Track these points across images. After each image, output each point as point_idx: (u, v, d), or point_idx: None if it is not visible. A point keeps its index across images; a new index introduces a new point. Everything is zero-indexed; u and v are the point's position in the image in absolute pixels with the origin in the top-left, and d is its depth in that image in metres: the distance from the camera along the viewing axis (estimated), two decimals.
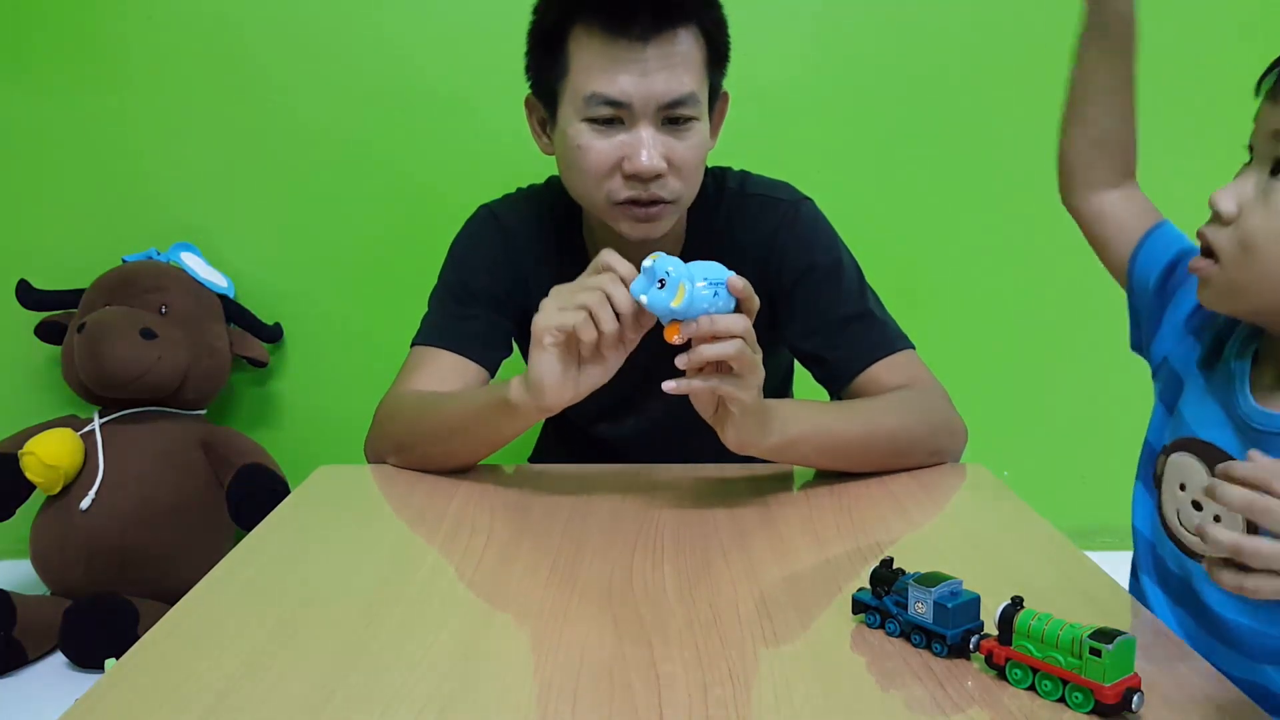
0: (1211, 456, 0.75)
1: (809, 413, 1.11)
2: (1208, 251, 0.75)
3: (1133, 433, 2.16)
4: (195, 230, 2.02)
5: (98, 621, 1.71)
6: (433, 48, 1.98)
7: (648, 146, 1.12)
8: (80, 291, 1.94)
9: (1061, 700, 0.66)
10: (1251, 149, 0.75)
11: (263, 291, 2.05)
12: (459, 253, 1.33)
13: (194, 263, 1.97)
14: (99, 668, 1.70)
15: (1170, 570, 0.82)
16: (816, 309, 1.24)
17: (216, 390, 1.97)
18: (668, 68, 1.11)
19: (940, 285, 2.05)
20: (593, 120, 1.13)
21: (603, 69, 1.11)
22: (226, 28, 1.96)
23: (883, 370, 1.20)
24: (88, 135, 1.99)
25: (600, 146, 1.14)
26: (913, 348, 1.24)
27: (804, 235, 1.26)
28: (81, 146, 1.99)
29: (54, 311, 1.96)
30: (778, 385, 1.47)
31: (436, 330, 1.28)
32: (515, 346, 1.36)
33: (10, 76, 1.97)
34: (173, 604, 0.83)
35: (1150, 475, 0.81)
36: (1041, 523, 1.03)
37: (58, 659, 1.77)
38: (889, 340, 1.23)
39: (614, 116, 1.12)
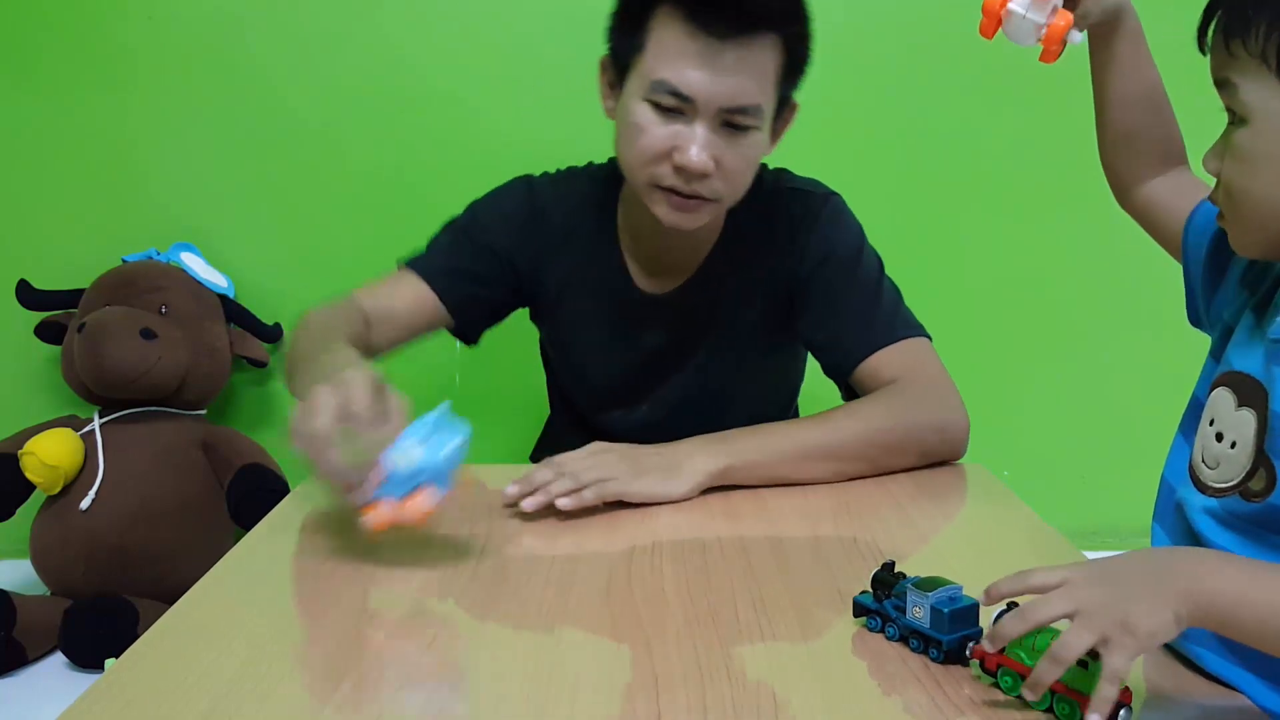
0: (1242, 386, 0.76)
1: (758, 439, 1.12)
2: (1220, 212, 0.78)
3: (1132, 433, 2.18)
4: (195, 230, 2.01)
5: (98, 621, 1.71)
6: (433, 49, 1.98)
7: (700, 144, 1.11)
8: (80, 292, 1.94)
9: (1050, 710, 0.65)
10: None
11: (262, 291, 2.05)
12: (480, 206, 1.33)
13: (194, 263, 1.97)
14: (99, 668, 1.70)
15: (1179, 514, 0.82)
16: (829, 298, 1.25)
17: (216, 390, 1.97)
18: (739, 73, 1.10)
19: (939, 285, 2.04)
20: (655, 104, 1.13)
21: (676, 59, 1.10)
22: (227, 28, 1.96)
23: (882, 359, 1.21)
24: (88, 135, 1.99)
25: (656, 132, 1.13)
26: (924, 337, 1.24)
27: (827, 227, 1.27)
28: (82, 147, 1.99)
29: (54, 311, 1.96)
30: (785, 399, 1.47)
31: (423, 259, 1.30)
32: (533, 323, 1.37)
33: (11, 77, 1.97)
34: (173, 604, 0.84)
35: (1193, 427, 0.82)
36: (1041, 523, 1.03)
37: (58, 659, 1.77)
38: (894, 329, 1.23)
39: (676, 107, 1.12)
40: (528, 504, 1.04)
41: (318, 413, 0.88)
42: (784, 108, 1.21)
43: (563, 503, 1.03)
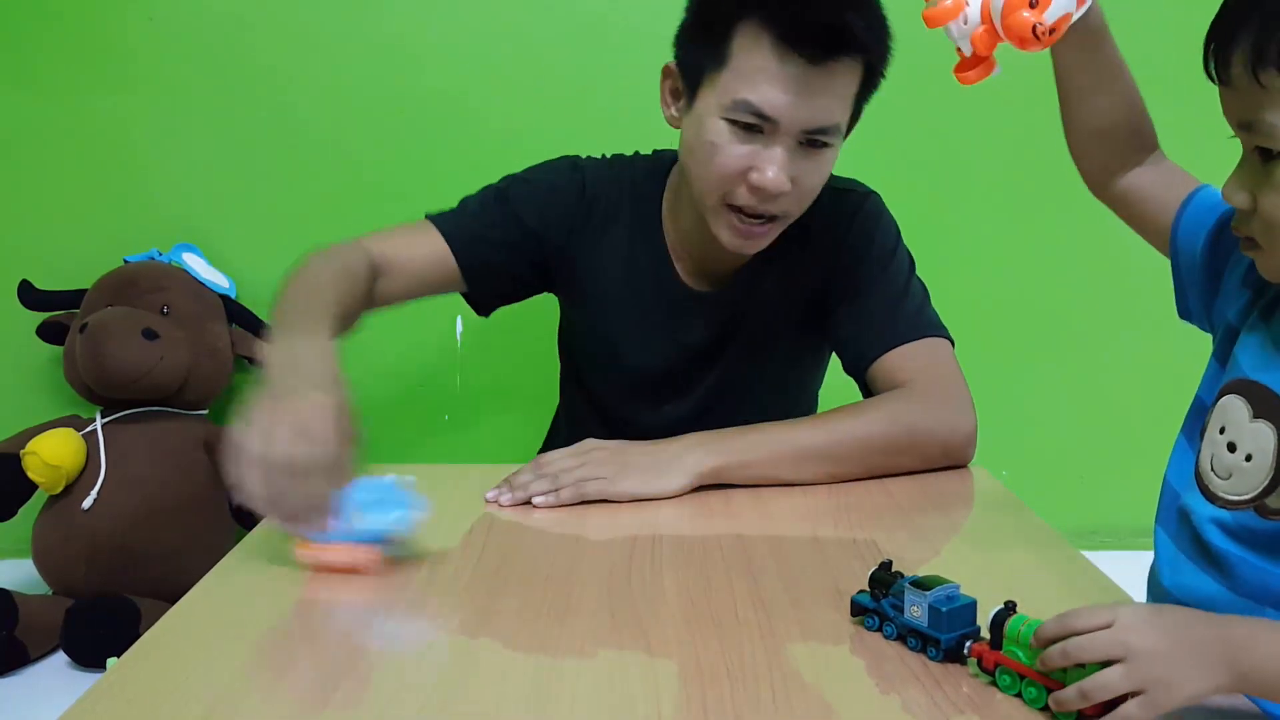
0: (1258, 396, 0.75)
1: (753, 438, 1.12)
2: (1248, 240, 0.75)
3: (1132, 433, 2.18)
4: (196, 231, 2.02)
5: (100, 621, 1.72)
6: (435, 49, 1.98)
7: (779, 165, 1.10)
8: (82, 292, 1.94)
9: (1047, 709, 0.65)
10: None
11: (264, 291, 2.04)
12: (520, 177, 1.32)
13: (195, 263, 1.97)
14: (101, 667, 1.70)
15: (1183, 520, 0.82)
16: (857, 292, 1.25)
17: (218, 390, 1.98)
18: (823, 95, 1.09)
19: (938, 284, 2.04)
20: (734, 123, 1.10)
21: (761, 80, 1.07)
22: (228, 28, 1.96)
23: (900, 357, 1.21)
24: (89, 136, 1.99)
25: (735, 151, 1.11)
26: (944, 338, 1.24)
27: (864, 224, 1.27)
28: (83, 147, 1.99)
29: (56, 312, 1.96)
30: (811, 396, 1.46)
31: (448, 217, 1.28)
32: (561, 305, 1.37)
33: (12, 77, 1.97)
34: (175, 603, 0.84)
35: (1197, 430, 0.81)
36: (1039, 523, 1.04)
37: (60, 658, 1.77)
38: (916, 327, 1.23)
39: (756, 125, 1.10)
40: (504, 499, 1.05)
41: (275, 440, 0.86)
42: (855, 120, 1.19)
43: (539, 500, 1.05)
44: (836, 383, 1.33)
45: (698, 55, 1.13)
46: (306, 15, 1.96)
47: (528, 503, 1.06)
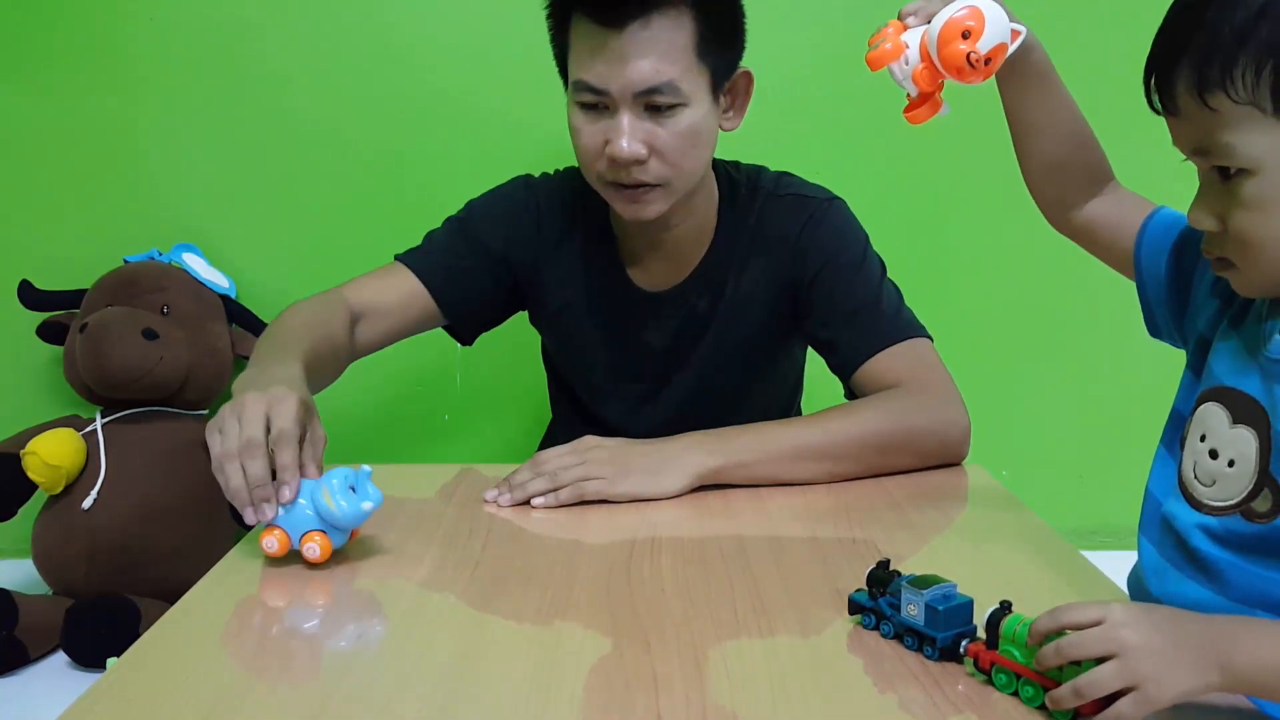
0: (1236, 403, 0.75)
1: (751, 438, 1.13)
2: (1220, 261, 0.76)
3: (1131, 433, 2.18)
4: (196, 231, 2.02)
5: (100, 621, 1.72)
6: (436, 49, 1.98)
7: (625, 134, 1.14)
8: (82, 292, 1.94)
9: (1043, 708, 0.66)
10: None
11: (264, 292, 2.05)
12: (478, 204, 1.35)
13: (195, 263, 1.97)
14: (101, 667, 1.70)
15: (1165, 528, 0.82)
16: (833, 300, 1.26)
17: (218, 390, 1.98)
18: (643, 55, 1.12)
19: (937, 284, 2.05)
20: (581, 105, 1.16)
21: (586, 56, 1.14)
22: (228, 28, 1.96)
23: (885, 360, 1.21)
24: (90, 136, 1.99)
25: (588, 130, 1.17)
26: (926, 338, 1.25)
27: (830, 230, 1.28)
28: (83, 147, 1.99)
29: (56, 312, 1.96)
30: (786, 397, 1.47)
31: (417, 254, 1.32)
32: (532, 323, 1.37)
33: (12, 77, 1.97)
34: (175, 603, 0.84)
35: (1176, 439, 0.82)
36: (1039, 523, 1.04)
37: (60, 658, 1.77)
38: (897, 330, 1.24)
39: (597, 102, 1.15)
40: (503, 499, 1.06)
41: (245, 423, 0.90)
42: (724, 77, 1.20)
43: (537, 502, 1.05)
44: (833, 383, 1.33)
45: (560, 62, 1.21)
46: (307, 16, 1.96)
47: (527, 503, 1.06)
